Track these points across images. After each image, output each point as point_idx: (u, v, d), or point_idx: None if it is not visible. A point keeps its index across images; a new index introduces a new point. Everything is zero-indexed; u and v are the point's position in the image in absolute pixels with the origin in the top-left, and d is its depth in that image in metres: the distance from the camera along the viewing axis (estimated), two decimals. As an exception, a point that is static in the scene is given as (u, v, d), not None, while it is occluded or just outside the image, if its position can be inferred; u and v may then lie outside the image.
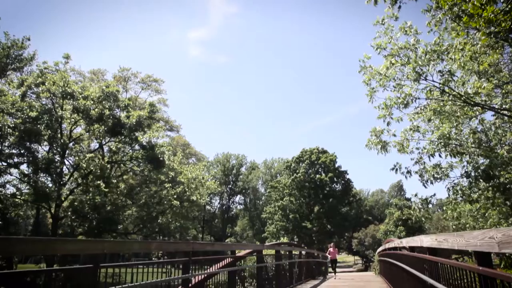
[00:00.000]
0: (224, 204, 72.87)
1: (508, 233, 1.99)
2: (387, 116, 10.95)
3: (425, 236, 4.46)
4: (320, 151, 53.98)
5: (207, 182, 32.73)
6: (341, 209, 50.43)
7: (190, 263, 5.40)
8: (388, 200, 74.71)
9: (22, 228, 41.89)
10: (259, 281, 9.80)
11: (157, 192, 27.51)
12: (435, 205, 48.40)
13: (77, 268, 3.75)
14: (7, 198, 23.68)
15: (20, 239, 3.96)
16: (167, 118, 51.10)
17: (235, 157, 74.25)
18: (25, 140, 21.45)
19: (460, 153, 10.65)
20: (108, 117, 23.91)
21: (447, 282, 3.43)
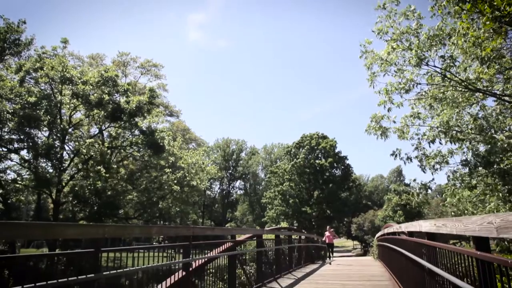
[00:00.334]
0: (224, 189, 73.23)
1: (507, 218, 1.99)
2: (388, 102, 10.91)
3: (424, 221, 4.49)
4: (320, 136, 54.00)
5: (207, 167, 32.85)
6: (341, 194, 50.71)
7: (190, 247, 5.45)
8: (388, 186, 75.06)
9: (24, 213, 42.18)
10: (259, 265, 9.90)
11: (158, 177, 27.63)
12: (434, 191, 48.67)
13: (79, 252, 3.79)
14: (8, 184, 23.79)
15: (21, 224, 3.98)
16: (167, 103, 51.00)
17: (235, 142, 74.32)
18: (25, 125, 21.43)
19: (461, 139, 10.64)
20: (107, 102, 23.83)
21: (445, 267, 3.46)
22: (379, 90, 10.93)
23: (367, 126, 11.34)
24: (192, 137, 60.28)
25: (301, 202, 50.39)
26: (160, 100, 44.01)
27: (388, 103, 10.93)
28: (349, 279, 10.45)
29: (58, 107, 23.71)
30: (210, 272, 7.14)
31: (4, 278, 5.83)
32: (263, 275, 9.73)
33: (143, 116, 25.86)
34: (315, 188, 50.93)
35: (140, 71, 46.08)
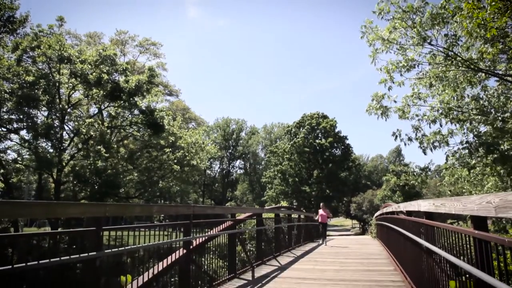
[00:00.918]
0: (224, 169, 73.56)
1: (506, 198, 2.00)
2: (389, 80, 10.82)
3: (423, 201, 4.52)
4: (321, 116, 53.89)
5: (207, 146, 32.87)
6: (340, 174, 50.96)
7: (191, 226, 5.51)
8: (387, 166, 75.31)
9: (25, 193, 42.47)
10: (259, 243, 10.04)
11: (158, 157, 27.68)
12: (433, 171, 48.83)
13: (80, 230, 3.82)
14: (8, 164, 23.86)
15: (23, 203, 4.01)
16: (166, 83, 50.64)
17: (235, 122, 74.19)
18: (23, 105, 21.30)
19: (461, 120, 10.60)
20: (106, 81, 23.63)
21: (442, 245, 3.51)
22: (380, 67, 10.83)
23: (368, 105, 11.29)
24: (192, 116, 60.13)
25: (301, 182, 50.70)
26: (159, 79, 43.66)
27: (389, 81, 10.84)
28: (347, 257, 10.62)
29: (57, 86, 23.50)
30: (211, 250, 7.25)
31: (8, 256, 5.92)
32: (263, 253, 9.89)
33: (143, 95, 25.69)
34: (315, 168, 51.16)
35: (139, 49, 45.60)
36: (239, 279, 7.23)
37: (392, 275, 7.25)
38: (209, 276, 6.44)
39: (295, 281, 6.94)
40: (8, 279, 7.46)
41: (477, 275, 2.41)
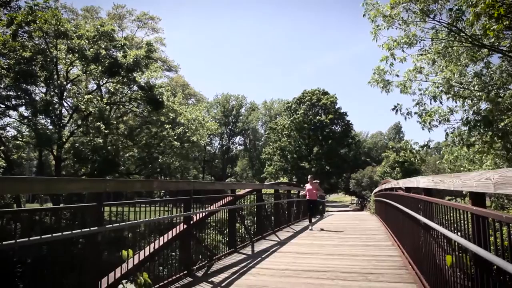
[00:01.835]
0: (224, 145, 73.64)
1: (505, 174, 2.00)
2: (390, 57, 10.68)
3: (422, 177, 4.54)
4: (321, 92, 53.53)
5: (207, 123, 32.81)
6: (340, 150, 51.10)
7: (191, 201, 5.56)
8: (387, 143, 75.39)
9: (27, 169, 42.67)
10: (259, 219, 10.17)
11: (158, 133, 27.65)
12: (432, 148, 48.86)
13: (82, 206, 3.86)
14: (8, 140, 23.84)
15: (24, 179, 4.03)
16: (165, 58, 50.07)
17: (235, 98, 73.74)
18: (21, 81, 21.07)
19: (463, 97, 10.51)
20: (104, 57, 23.35)
21: (440, 221, 3.54)
22: (382, 44, 10.66)
23: (370, 78, 11.17)
24: (191, 92, 59.74)
25: (300, 158, 50.87)
26: (158, 54, 43.13)
27: (390, 58, 10.70)
28: (346, 233, 10.77)
29: (54, 62, 23.22)
30: (211, 225, 7.34)
31: (11, 231, 5.98)
32: (262, 228, 10.02)
33: (141, 71, 25.44)
34: (315, 144, 51.23)
35: (137, 24, 44.85)
36: (239, 253, 7.35)
37: (390, 250, 7.38)
38: (210, 251, 6.55)
39: (294, 255, 7.07)
40: (12, 253, 7.57)
41: (474, 250, 2.44)
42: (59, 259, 3.90)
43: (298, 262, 6.34)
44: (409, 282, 4.87)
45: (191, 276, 5.29)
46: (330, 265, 6.05)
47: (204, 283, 4.99)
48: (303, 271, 5.65)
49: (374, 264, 6.03)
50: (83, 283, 3.68)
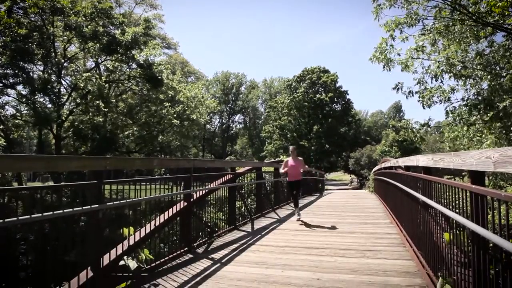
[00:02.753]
0: (224, 123, 73.54)
1: (506, 153, 2.00)
2: (390, 39, 10.54)
3: (422, 156, 4.54)
4: (322, 70, 53.05)
5: (206, 101, 32.64)
6: (340, 129, 51.04)
7: (191, 179, 5.58)
8: (387, 122, 75.24)
9: (27, 148, 42.71)
10: (258, 196, 10.25)
11: (157, 111, 27.55)
12: (432, 127, 48.74)
13: (82, 183, 3.87)
14: (8, 119, 23.75)
15: (24, 157, 4.03)
16: (163, 35, 49.37)
17: (235, 76, 73.14)
18: (18, 59, 20.80)
19: (465, 76, 10.40)
20: (102, 34, 23.00)
21: (438, 200, 3.56)
22: (384, 23, 10.48)
23: (371, 55, 11.04)
24: (190, 70, 59.18)
25: (300, 136, 50.87)
26: (156, 31, 42.47)
27: (390, 39, 10.55)
28: (345, 211, 10.87)
29: (51, 39, 22.86)
30: (211, 203, 7.40)
31: (13, 209, 6.03)
32: (262, 206, 10.11)
33: (140, 48, 25.11)
34: (315, 123, 51.13)
35: (135, 0, 43.96)
36: (239, 230, 7.44)
37: (388, 228, 7.47)
38: (210, 228, 6.62)
39: (293, 232, 7.16)
40: (14, 230, 7.65)
41: (472, 228, 2.46)
42: (61, 236, 3.94)
43: (297, 239, 6.43)
44: (406, 259, 4.95)
45: (192, 253, 5.37)
46: (329, 242, 6.13)
47: (205, 259, 5.06)
48: (302, 248, 5.73)
49: (373, 241, 6.12)
50: (85, 259, 3.74)
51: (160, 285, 3.98)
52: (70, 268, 3.74)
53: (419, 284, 3.89)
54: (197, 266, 4.66)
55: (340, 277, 4.20)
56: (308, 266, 4.67)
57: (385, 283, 3.94)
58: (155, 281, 4.08)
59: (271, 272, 4.43)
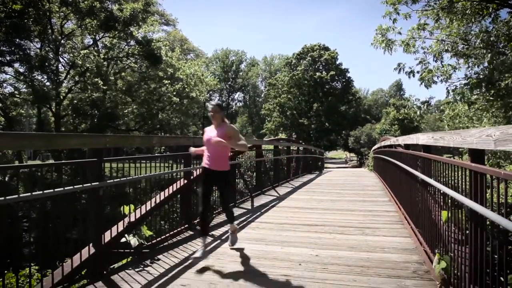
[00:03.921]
0: (223, 101, 73.14)
1: (507, 131, 1.99)
2: (393, 12, 10.33)
3: (422, 134, 4.53)
4: (322, 47, 52.44)
5: (206, 78, 32.41)
6: (340, 107, 50.85)
7: (191, 156, 5.59)
8: (387, 100, 74.86)
9: (26, 126, 42.66)
10: (258, 174, 10.30)
11: (156, 89, 27.40)
12: (433, 106, 48.51)
13: (82, 161, 3.87)
14: (6, 97, 23.63)
15: (23, 134, 4.02)
16: (162, 11, 48.56)
17: (234, 53, 72.34)
18: (14, 36, 20.50)
19: (466, 55, 10.27)
20: (99, 10, 22.63)
21: (436, 178, 3.58)
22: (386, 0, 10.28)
23: (373, 39, 10.89)
24: (190, 47, 58.44)
25: (300, 114, 50.76)
26: (155, 8, 41.76)
27: (394, 13, 10.36)
28: (344, 189, 10.95)
29: (48, 16, 22.50)
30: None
31: (14, 187, 6.07)
32: (261, 184, 10.17)
33: (138, 25, 24.77)
34: (315, 101, 50.92)
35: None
36: (239, 208, 7.51)
37: (387, 206, 7.54)
38: (210, 206, 6.67)
39: (293, 210, 7.22)
40: (16, 207, 7.70)
41: (470, 206, 2.47)
42: (62, 214, 3.98)
43: (296, 217, 6.49)
44: (404, 236, 5.02)
45: (192, 230, 5.43)
46: (328, 219, 6.20)
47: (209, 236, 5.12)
48: (301, 225, 5.80)
49: (371, 219, 6.18)
50: (87, 236, 3.78)
51: (161, 261, 4.04)
52: (72, 245, 3.79)
53: (416, 260, 3.95)
54: (197, 243, 4.72)
55: (338, 253, 4.26)
56: (307, 243, 4.73)
57: (383, 260, 4.00)
58: (156, 257, 4.14)
59: (271, 249, 4.49)
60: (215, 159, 4.35)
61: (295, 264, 3.92)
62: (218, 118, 4.39)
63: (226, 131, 4.31)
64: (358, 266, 3.81)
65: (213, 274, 3.65)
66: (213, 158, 4.36)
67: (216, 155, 4.35)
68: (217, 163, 4.34)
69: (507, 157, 11.35)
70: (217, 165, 4.34)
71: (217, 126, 4.40)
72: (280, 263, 3.96)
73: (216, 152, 4.33)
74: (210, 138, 4.28)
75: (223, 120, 4.42)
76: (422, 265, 3.80)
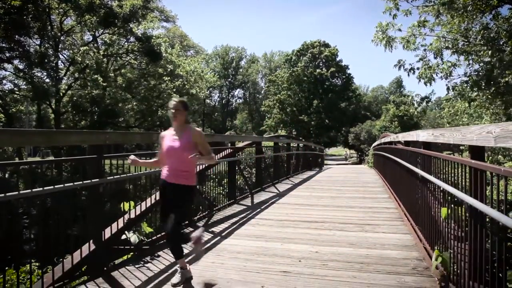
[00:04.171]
0: (223, 98, 73.08)
1: (507, 128, 1.98)
2: (393, 8, 10.31)
3: (422, 131, 4.53)
4: (322, 44, 52.32)
5: (206, 75, 32.35)
6: (340, 104, 50.79)
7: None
8: (387, 97, 74.70)
9: (26, 123, 42.61)
10: (258, 171, 10.30)
11: (156, 85, 27.35)
12: (433, 103, 48.51)
13: (82, 158, 3.87)
14: (6, 94, 23.59)
15: (22, 131, 4.02)
16: (162, 8, 48.32)
17: (234, 50, 72.11)
18: (13, 32, 20.43)
19: (467, 52, 10.26)
20: (99, 6, 22.53)
21: (436, 175, 3.58)
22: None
23: (373, 36, 10.87)
24: (190, 44, 58.29)
25: (300, 111, 50.72)
26: (154, 4, 41.61)
27: (394, 9, 10.33)
28: (344, 185, 10.95)
29: (47, 12, 22.41)
30: (211, 177, 7.45)
31: (14, 183, 6.08)
32: (261, 180, 10.18)
33: (138, 21, 24.69)
34: (315, 98, 50.87)
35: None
36: (239, 204, 7.52)
37: (387, 202, 7.54)
38: (210, 202, 6.69)
39: (292, 206, 7.23)
40: (16, 204, 7.69)
41: (470, 202, 2.48)
42: (62, 210, 3.98)
43: (296, 213, 6.50)
44: (404, 233, 5.02)
45: (192, 226, 5.44)
46: (328, 216, 6.20)
47: (205, 232, 5.13)
48: (301, 222, 5.80)
49: (371, 216, 6.19)
50: (87, 233, 3.79)
51: (161, 257, 4.06)
52: (72, 242, 3.80)
53: (416, 257, 3.96)
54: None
55: (338, 250, 4.27)
56: (307, 240, 4.74)
57: (382, 256, 4.01)
58: (156, 254, 4.16)
59: (271, 245, 4.50)
60: (175, 173, 3.41)
61: (295, 260, 3.92)
62: (181, 118, 3.48)
63: (192, 138, 3.43)
64: (358, 262, 3.82)
65: (213, 271, 3.66)
66: (175, 171, 3.41)
67: (180, 168, 3.40)
68: (179, 178, 3.39)
69: (507, 154, 11.37)
70: (179, 180, 3.39)
71: (179, 129, 3.49)
72: (280, 259, 3.97)
73: (181, 164, 3.38)
74: (173, 146, 3.42)
75: (187, 122, 3.55)
76: (422, 261, 3.81)
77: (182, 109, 3.45)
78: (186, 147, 3.36)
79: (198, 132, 3.53)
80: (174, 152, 3.39)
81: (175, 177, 3.38)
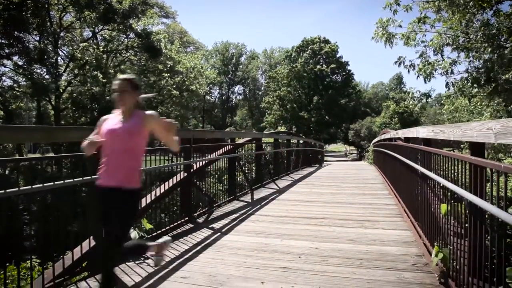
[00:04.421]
0: (223, 94, 72.97)
1: (507, 124, 1.98)
2: (394, 3, 10.27)
3: (422, 128, 4.53)
4: (322, 40, 52.20)
5: (206, 71, 32.34)
6: (340, 100, 50.76)
7: (191, 149, 5.59)
8: (387, 93, 74.61)
9: (26, 119, 42.60)
10: (258, 167, 10.31)
11: (156, 82, 27.34)
12: (433, 99, 48.48)
13: (82, 154, 3.87)
14: (5, 91, 23.57)
15: (22, 127, 4.02)
16: (161, 4, 48.15)
17: (234, 46, 71.93)
18: (12, 29, 20.38)
19: (468, 48, 10.23)
20: (98, 2, 22.48)
21: (435, 171, 3.58)
22: None
23: (373, 33, 10.84)
24: (189, 40, 58.11)
25: (300, 108, 50.71)
26: (154, 0, 41.48)
27: (394, 4, 10.29)
28: (344, 182, 10.95)
29: (46, 8, 22.35)
30: (211, 174, 7.45)
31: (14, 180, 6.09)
32: (261, 177, 10.18)
33: (137, 17, 24.64)
34: (315, 94, 50.84)
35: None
36: (239, 201, 7.52)
37: (386, 199, 7.55)
38: (210, 198, 6.70)
39: (293, 203, 7.23)
40: (16, 200, 7.70)
41: (470, 199, 2.48)
42: (63, 207, 3.98)
43: (296, 209, 6.50)
44: (403, 229, 5.03)
45: (192, 222, 5.45)
46: (328, 212, 6.21)
47: (205, 228, 5.14)
48: (301, 218, 5.81)
49: (371, 212, 6.20)
50: (87, 229, 3.80)
51: (161, 254, 4.05)
52: (73, 238, 3.80)
53: (415, 253, 3.97)
54: (197, 236, 4.74)
55: (338, 246, 4.28)
56: (307, 236, 4.74)
57: (382, 252, 4.02)
58: (156, 250, 4.15)
59: (271, 241, 4.51)
60: (116, 169, 2.59)
61: (295, 256, 3.93)
62: (129, 101, 2.68)
63: (143, 120, 2.67)
64: (358, 258, 3.83)
65: (213, 267, 3.66)
66: (114, 167, 2.60)
67: (119, 163, 2.60)
68: (120, 176, 2.59)
69: (507, 151, 11.37)
70: (119, 179, 2.59)
71: (126, 114, 2.69)
72: (280, 255, 3.98)
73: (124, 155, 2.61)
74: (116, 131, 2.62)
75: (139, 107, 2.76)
76: (421, 257, 3.81)
77: (130, 89, 2.69)
78: (134, 132, 2.62)
79: (150, 114, 2.71)
80: (116, 136, 2.59)
81: (114, 176, 2.59)
